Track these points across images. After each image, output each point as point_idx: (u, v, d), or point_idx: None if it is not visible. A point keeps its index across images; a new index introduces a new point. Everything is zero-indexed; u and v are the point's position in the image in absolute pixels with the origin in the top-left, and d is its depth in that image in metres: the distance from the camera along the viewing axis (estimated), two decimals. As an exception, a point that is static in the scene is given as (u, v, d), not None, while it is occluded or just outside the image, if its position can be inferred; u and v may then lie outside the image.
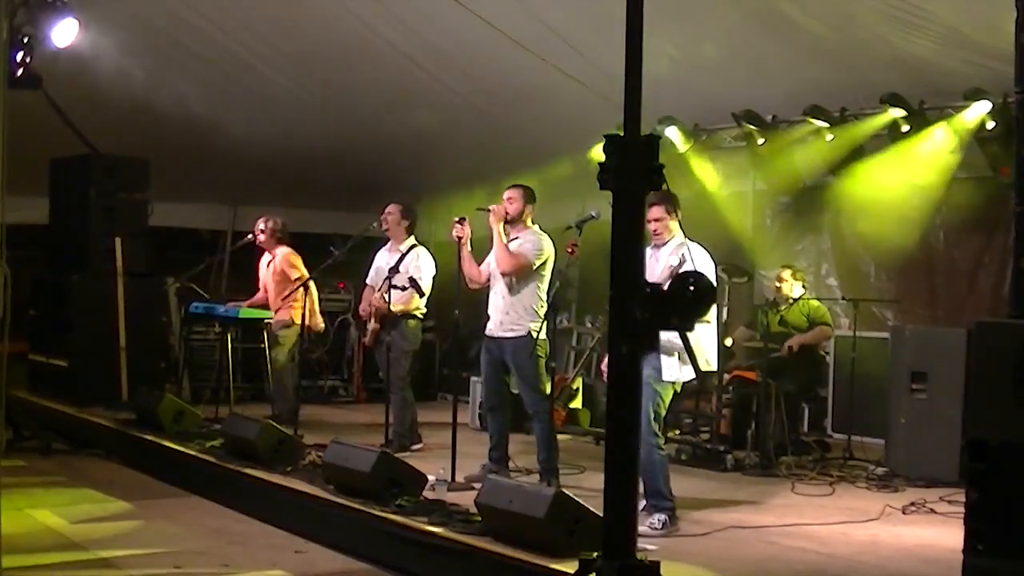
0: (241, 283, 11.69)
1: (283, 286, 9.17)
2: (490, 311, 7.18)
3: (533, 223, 7.19)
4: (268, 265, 9.45)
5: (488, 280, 7.31)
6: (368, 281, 8.52)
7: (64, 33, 7.45)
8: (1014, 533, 4.08)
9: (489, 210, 7.05)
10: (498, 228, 7.03)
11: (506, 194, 7.19)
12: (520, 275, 7.03)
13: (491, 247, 7.19)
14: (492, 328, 7.13)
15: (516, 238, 7.10)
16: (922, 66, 7.77)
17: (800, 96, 8.68)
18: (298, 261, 9.28)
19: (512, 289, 7.05)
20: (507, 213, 7.09)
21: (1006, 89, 7.16)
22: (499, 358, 7.11)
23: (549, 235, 7.18)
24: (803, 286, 8.65)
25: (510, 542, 5.18)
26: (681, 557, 5.19)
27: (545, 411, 7.05)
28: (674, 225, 6.20)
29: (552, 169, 10.17)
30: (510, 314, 7.02)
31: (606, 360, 6.10)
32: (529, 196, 7.14)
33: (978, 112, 7.98)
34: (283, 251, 9.37)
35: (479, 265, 7.29)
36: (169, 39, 9.00)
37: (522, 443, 8.64)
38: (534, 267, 6.99)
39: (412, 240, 8.40)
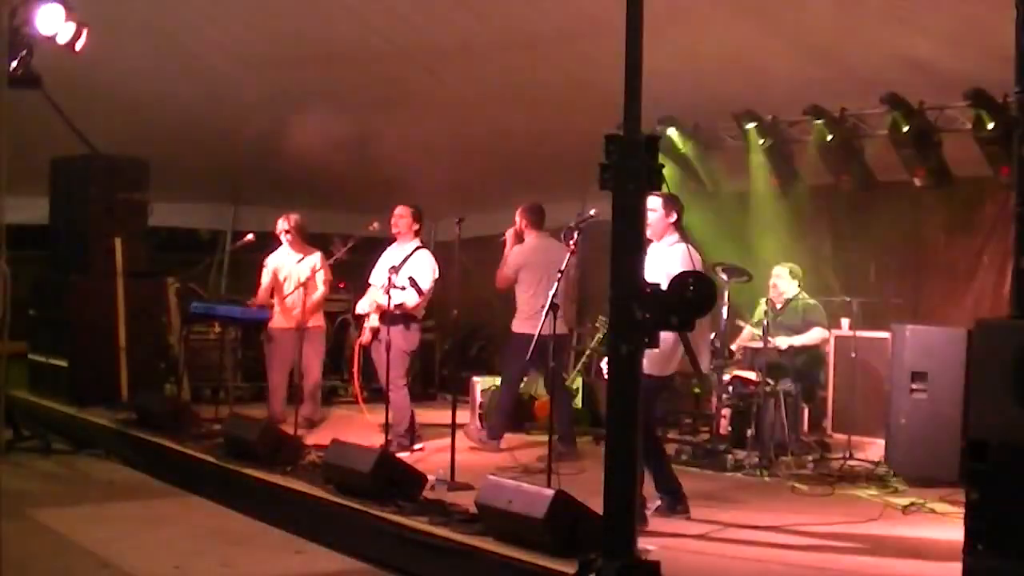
0: (241, 283, 11.70)
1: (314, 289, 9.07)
2: None
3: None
4: (299, 263, 9.28)
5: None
6: (372, 280, 8.53)
7: (50, 20, 7.40)
8: (1014, 533, 4.08)
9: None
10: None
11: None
12: None
13: None
14: None
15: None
16: (922, 66, 7.77)
17: (800, 96, 8.67)
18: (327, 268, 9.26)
19: None
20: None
21: (1006, 89, 7.16)
22: None
23: (548, 235, 7.18)
24: (800, 285, 8.65)
25: (510, 542, 5.19)
26: (680, 557, 5.19)
27: None
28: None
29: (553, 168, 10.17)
30: None
31: (605, 360, 6.12)
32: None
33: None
34: (320, 254, 9.32)
35: None
36: (169, 39, 9.01)
37: (522, 442, 8.65)
38: None
39: (417, 241, 8.42)
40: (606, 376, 6.10)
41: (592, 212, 6.72)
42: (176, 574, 5.58)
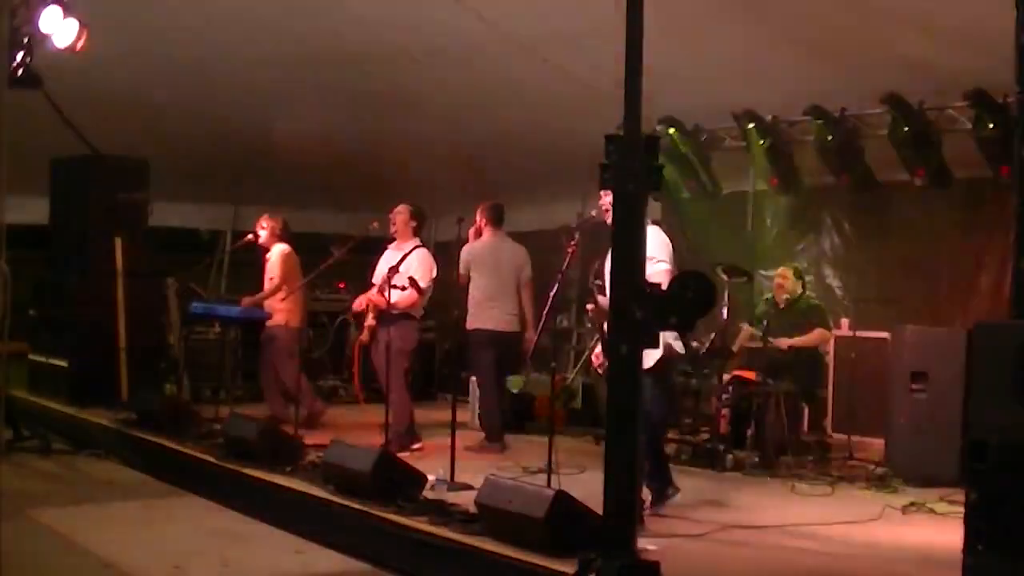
0: (241, 283, 11.71)
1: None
2: None
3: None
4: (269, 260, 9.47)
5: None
6: (374, 280, 8.53)
7: (64, 33, 7.44)
8: (1014, 533, 4.08)
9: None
10: None
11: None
12: None
13: None
14: None
15: None
16: (922, 66, 7.77)
17: (800, 96, 8.67)
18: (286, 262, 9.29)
19: None
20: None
21: (1006, 89, 7.16)
22: None
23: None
24: (804, 286, 8.66)
25: (510, 542, 5.18)
26: (680, 557, 5.19)
27: None
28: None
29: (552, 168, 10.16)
30: None
31: (599, 348, 6.13)
32: None
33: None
34: (280, 248, 9.39)
35: None
36: (169, 40, 9.01)
37: (523, 443, 8.65)
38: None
39: (416, 240, 8.43)
40: (599, 365, 6.18)
41: (592, 212, 6.73)
42: (176, 574, 5.57)
